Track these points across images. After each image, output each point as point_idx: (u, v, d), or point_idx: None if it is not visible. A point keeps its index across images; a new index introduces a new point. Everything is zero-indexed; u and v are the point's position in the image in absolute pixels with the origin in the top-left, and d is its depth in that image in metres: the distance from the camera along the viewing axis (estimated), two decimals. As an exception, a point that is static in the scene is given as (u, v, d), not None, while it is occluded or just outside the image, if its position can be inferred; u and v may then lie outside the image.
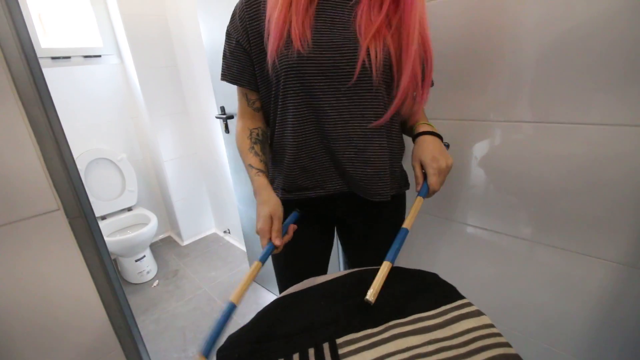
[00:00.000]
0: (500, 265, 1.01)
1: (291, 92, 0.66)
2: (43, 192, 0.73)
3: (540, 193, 0.87)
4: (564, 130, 0.79)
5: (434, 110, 0.96)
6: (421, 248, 1.19)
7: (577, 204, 0.82)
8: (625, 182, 0.74)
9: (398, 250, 0.61)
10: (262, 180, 0.71)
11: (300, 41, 0.62)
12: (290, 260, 0.83)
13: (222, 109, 1.56)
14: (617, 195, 0.76)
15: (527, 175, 0.87)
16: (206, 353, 0.49)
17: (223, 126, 1.59)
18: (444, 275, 0.61)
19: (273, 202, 0.67)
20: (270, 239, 0.63)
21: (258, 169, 0.72)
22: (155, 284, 2.10)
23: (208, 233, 2.70)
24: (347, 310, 0.55)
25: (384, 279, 0.56)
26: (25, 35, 0.69)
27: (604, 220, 0.79)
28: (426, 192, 0.68)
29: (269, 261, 0.71)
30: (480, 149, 0.94)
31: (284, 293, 0.63)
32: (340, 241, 0.93)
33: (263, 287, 1.92)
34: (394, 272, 0.59)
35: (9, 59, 0.67)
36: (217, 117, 1.58)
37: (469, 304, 0.53)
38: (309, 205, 0.76)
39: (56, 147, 0.73)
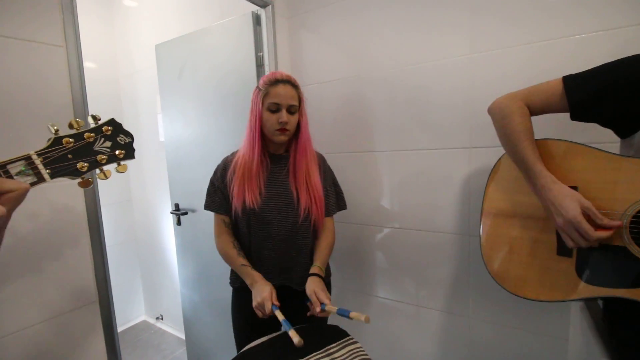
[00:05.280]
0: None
1: (252, 225, 1.09)
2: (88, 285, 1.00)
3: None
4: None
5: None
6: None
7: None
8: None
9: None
10: (257, 274, 1.07)
11: (253, 200, 1.06)
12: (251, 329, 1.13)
13: (177, 205, 1.87)
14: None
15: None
16: None
17: (176, 220, 1.87)
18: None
19: (271, 286, 1.03)
20: (272, 302, 0.97)
21: (250, 266, 1.09)
22: (77, 381, 1.99)
23: (138, 321, 2.65)
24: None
25: None
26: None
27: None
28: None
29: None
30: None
31: (245, 349, 0.92)
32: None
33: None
34: (311, 330, 0.95)
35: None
36: (171, 213, 1.86)
37: (352, 338, 0.91)
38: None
39: (99, 238, 1.00)
